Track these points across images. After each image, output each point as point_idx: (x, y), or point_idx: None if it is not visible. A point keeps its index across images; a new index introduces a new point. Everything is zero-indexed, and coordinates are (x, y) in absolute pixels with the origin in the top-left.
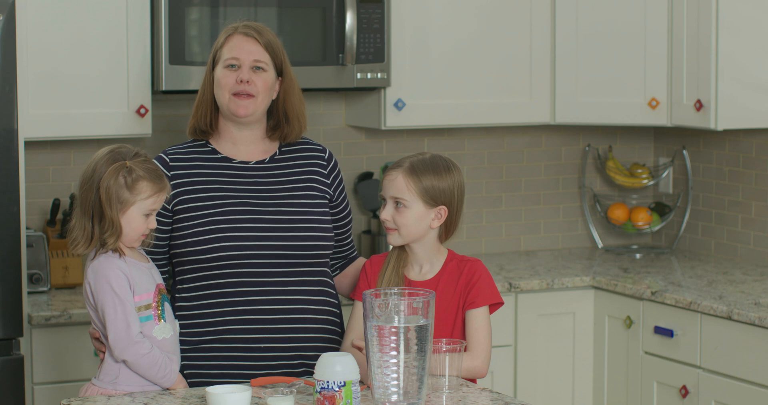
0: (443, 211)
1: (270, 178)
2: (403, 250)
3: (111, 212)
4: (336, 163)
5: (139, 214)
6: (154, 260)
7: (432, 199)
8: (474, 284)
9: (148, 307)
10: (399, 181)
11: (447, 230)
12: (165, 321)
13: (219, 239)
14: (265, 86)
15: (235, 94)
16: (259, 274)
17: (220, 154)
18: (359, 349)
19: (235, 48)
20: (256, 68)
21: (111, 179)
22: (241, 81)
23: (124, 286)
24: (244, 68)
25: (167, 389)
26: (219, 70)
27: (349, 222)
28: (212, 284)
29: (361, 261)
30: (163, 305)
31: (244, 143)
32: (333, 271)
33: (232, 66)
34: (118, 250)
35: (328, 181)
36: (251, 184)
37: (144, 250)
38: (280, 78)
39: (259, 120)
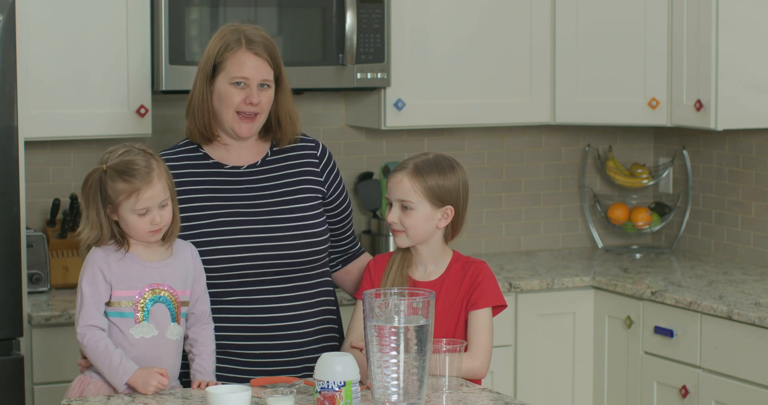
0: (450, 211)
1: (261, 183)
2: (408, 251)
3: (88, 211)
4: (330, 157)
5: (130, 213)
6: None
7: (438, 199)
8: (477, 285)
9: (129, 303)
10: (404, 184)
11: (453, 230)
12: (148, 321)
13: (212, 252)
14: (269, 103)
15: (239, 112)
16: (253, 283)
17: (212, 159)
18: (359, 349)
19: (244, 67)
20: (261, 85)
21: (90, 183)
22: (251, 103)
23: (94, 279)
24: (253, 88)
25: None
26: (223, 85)
27: (348, 216)
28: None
29: (366, 257)
30: (151, 306)
31: (236, 148)
32: (334, 266)
33: (239, 83)
34: (124, 243)
35: (322, 179)
36: (242, 191)
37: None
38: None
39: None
